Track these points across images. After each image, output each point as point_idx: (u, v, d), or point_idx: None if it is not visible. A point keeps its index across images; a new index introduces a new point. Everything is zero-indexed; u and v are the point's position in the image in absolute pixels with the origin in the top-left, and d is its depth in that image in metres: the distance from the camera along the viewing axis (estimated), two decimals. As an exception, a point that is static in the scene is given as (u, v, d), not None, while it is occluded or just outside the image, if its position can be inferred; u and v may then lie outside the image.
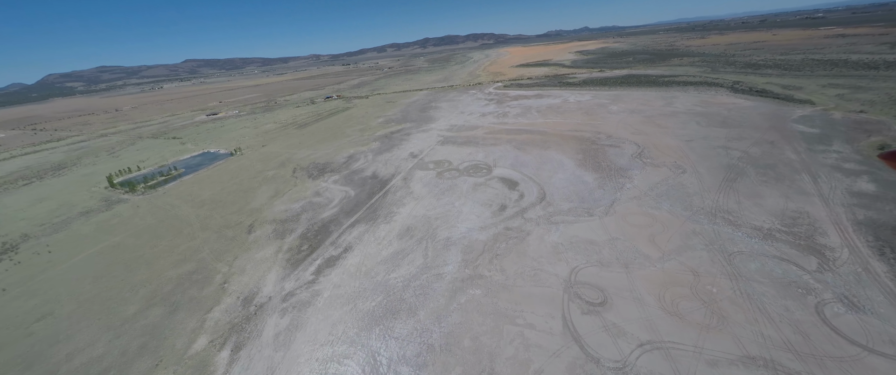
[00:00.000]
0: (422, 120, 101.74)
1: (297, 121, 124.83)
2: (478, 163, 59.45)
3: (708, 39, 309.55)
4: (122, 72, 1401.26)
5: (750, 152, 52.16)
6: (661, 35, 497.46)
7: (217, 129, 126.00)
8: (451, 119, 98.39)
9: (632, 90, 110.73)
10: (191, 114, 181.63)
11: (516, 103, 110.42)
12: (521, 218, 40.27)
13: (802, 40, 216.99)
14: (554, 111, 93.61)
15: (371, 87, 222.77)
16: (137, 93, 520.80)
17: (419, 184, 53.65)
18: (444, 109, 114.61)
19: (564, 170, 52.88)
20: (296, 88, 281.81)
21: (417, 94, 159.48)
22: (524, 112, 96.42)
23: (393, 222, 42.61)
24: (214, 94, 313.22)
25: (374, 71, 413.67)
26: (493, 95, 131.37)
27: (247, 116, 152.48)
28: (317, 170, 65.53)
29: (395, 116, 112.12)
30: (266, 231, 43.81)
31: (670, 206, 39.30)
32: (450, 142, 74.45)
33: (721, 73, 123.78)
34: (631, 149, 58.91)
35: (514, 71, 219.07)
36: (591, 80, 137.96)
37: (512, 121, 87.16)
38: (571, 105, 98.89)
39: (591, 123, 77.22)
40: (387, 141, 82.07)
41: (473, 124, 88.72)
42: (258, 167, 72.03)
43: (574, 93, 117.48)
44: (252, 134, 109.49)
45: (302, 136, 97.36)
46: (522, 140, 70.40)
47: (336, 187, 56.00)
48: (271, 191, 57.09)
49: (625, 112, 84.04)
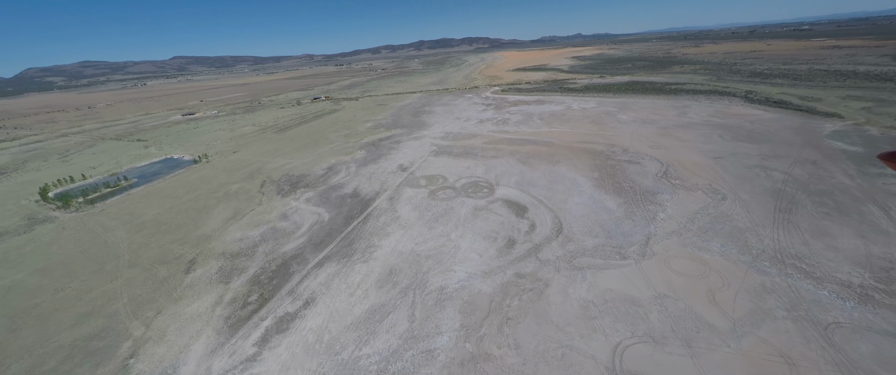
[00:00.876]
0: (414, 126, 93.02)
1: (278, 123, 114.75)
2: (477, 181, 50.92)
3: (703, 48, 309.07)
4: (106, 68, 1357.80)
5: (794, 174, 44.84)
6: (655, 43, 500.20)
7: (189, 131, 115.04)
8: (446, 125, 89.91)
9: (638, 98, 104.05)
10: (166, 114, 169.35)
11: (516, 109, 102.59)
12: (536, 258, 31.78)
13: (799, 50, 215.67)
14: (558, 119, 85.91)
15: (362, 89, 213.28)
16: (119, 89, 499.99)
17: (408, 206, 44.84)
18: (438, 114, 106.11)
19: (580, 191, 44.71)
20: (284, 88, 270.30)
21: (410, 97, 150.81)
22: (526, 119, 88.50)
23: (372, 260, 33.67)
24: (198, 93, 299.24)
25: (367, 72, 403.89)
26: (491, 100, 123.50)
27: (225, 117, 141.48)
28: (289, 185, 56.12)
29: (385, 121, 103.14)
30: (209, 270, 34.35)
31: (722, 247, 31.32)
32: (445, 153, 65.86)
33: (728, 82, 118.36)
34: (653, 166, 51.17)
35: (511, 75, 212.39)
36: (593, 87, 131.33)
37: (513, 130, 79.06)
38: (576, 113, 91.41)
39: (601, 134, 69.59)
40: (374, 149, 73.04)
41: (471, 132, 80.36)
42: (222, 178, 62.21)
43: (577, 99, 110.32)
44: (226, 137, 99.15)
45: (280, 142, 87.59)
46: (527, 152, 62.21)
47: (308, 208, 46.76)
48: (230, 212, 47.53)
49: (636, 122, 76.76)
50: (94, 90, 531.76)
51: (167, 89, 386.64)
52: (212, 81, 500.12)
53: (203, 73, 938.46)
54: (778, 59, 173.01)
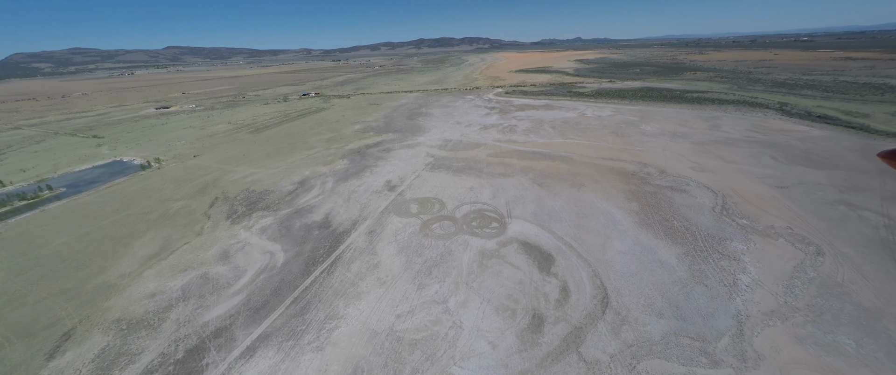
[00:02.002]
0: (408, 130, 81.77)
1: (256, 122, 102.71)
2: (484, 209, 39.98)
3: (709, 55, 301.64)
4: (96, 56, 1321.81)
5: (895, 216, 34.62)
6: (656, 49, 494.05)
7: (156, 128, 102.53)
8: (444, 131, 78.83)
9: (658, 106, 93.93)
10: (141, 106, 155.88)
11: (524, 115, 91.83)
12: (578, 356, 20.93)
13: (811, 61, 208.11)
14: (573, 128, 75.31)
15: (356, 86, 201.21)
16: (104, 77, 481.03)
17: (392, 246, 33.74)
18: (436, 117, 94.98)
19: (621, 232, 33.98)
20: (274, 82, 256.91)
21: (406, 97, 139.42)
22: (535, 127, 77.75)
23: (330, 347, 22.55)
24: (184, 84, 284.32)
25: (364, 68, 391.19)
26: (495, 103, 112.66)
27: (202, 112, 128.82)
28: (246, 205, 44.65)
29: (375, 123, 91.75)
30: (85, 353, 22.93)
31: (858, 346, 20.75)
32: (442, 167, 54.79)
33: (751, 92, 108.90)
34: (704, 196, 40.69)
35: (514, 76, 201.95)
36: (604, 92, 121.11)
37: (522, 140, 68.24)
38: (592, 121, 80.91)
39: (627, 149, 59.07)
40: (358, 159, 61.73)
41: (473, 140, 69.38)
42: (167, 192, 50.48)
43: (590, 105, 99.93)
44: (193, 137, 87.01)
45: (252, 145, 75.78)
46: (543, 170, 51.40)
47: (260, 243, 35.43)
48: (156, 245, 35.98)
49: (664, 135, 66.45)
50: (78, 78, 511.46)
51: (153, 79, 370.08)
52: (203, 72, 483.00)
53: (197, 65, 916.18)
54: (794, 69, 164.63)
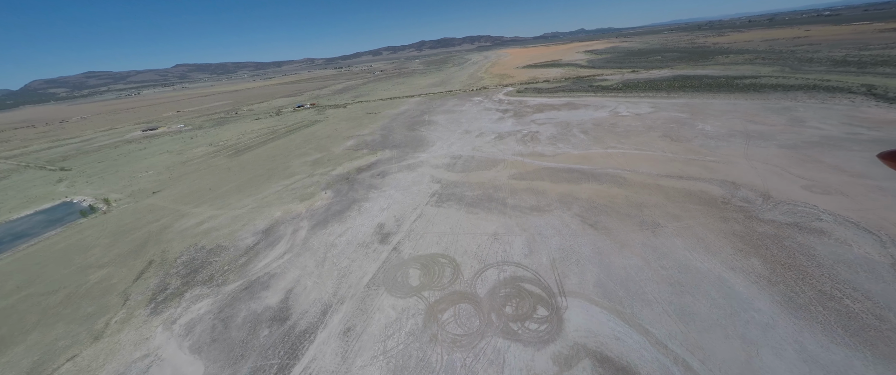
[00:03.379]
0: (408, 144, 68.80)
1: (240, 141, 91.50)
2: (519, 277, 26.43)
3: (729, 36, 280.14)
4: (108, 78, 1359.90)
5: None
6: (667, 34, 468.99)
7: (132, 154, 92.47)
8: (451, 144, 65.52)
9: (705, 97, 78.47)
10: (130, 129, 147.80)
11: (544, 117, 77.71)
12: None
13: (855, 35, 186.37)
14: (609, 131, 60.94)
15: (355, 93, 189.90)
16: (112, 99, 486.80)
17: (379, 363, 20.59)
18: (441, 126, 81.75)
19: (761, 325, 19.93)
20: (272, 94, 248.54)
21: (407, 103, 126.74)
22: (562, 132, 63.65)
23: None
24: (182, 102, 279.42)
25: (364, 74, 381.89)
26: (507, 104, 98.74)
27: (189, 132, 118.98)
28: (183, 275, 32.25)
29: (371, 137, 79.13)
30: None
31: None
32: (452, 199, 41.44)
33: (812, 73, 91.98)
34: (862, 241, 26.19)
35: (523, 72, 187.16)
36: (632, 84, 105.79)
37: (551, 151, 54.30)
38: (631, 121, 66.33)
39: (695, 159, 44.54)
40: (346, 189, 48.97)
41: (488, 155, 55.82)
42: (94, 253, 38.64)
43: (621, 101, 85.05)
44: (165, 165, 76.10)
45: (225, 173, 64.03)
46: (589, 198, 37.47)
47: (174, 359, 22.80)
48: (26, 363, 23.76)
49: (735, 136, 51.53)
50: (88, 101, 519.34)
51: (156, 99, 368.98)
52: (207, 88, 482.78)
53: (203, 81, 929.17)
54: (845, 45, 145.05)
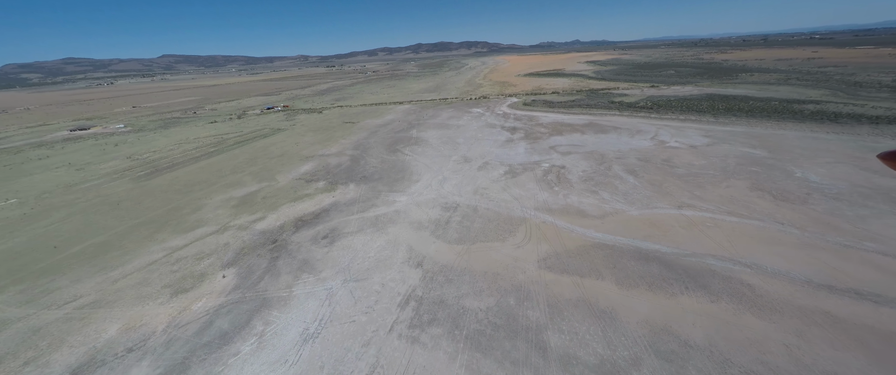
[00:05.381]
0: (383, 177, 49.38)
1: (169, 155, 70.55)
2: None
3: (731, 54, 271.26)
4: (88, 65, 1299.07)
5: None
6: (664, 49, 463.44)
7: (24, 165, 70.48)
8: (443, 179, 46.37)
9: (767, 126, 61.61)
10: (63, 125, 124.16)
11: (565, 141, 59.44)
12: None
13: (869, 58, 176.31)
14: (666, 172, 42.84)
15: (338, 95, 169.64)
16: (81, 88, 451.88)
17: None
18: (431, 148, 62.69)
19: None
20: (249, 91, 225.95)
21: (395, 111, 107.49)
22: (600, 169, 45.30)
23: None
24: (151, 95, 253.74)
25: (356, 74, 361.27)
26: (514, 119, 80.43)
27: (123, 135, 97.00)
28: None
29: (337, 160, 59.49)
30: None
31: None
32: (438, 322, 22.14)
33: (872, 100, 76.63)
34: None
35: (525, 81, 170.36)
36: (659, 102, 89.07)
37: (592, 206, 35.67)
38: (687, 155, 48.50)
39: (846, 245, 26.50)
40: (260, 272, 29.20)
41: (499, 208, 36.80)
42: None
43: (656, 123, 67.64)
44: (46, 188, 54.75)
45: (107, 212, 43.37)
46: (708, 345, 18.82)
47: None
48: None
49: (871, 196, 33.95)
50: (56, 89, 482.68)
51: (125, 90, 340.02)
52: (186, 81, 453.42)
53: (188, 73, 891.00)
54: (875, 69, 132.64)
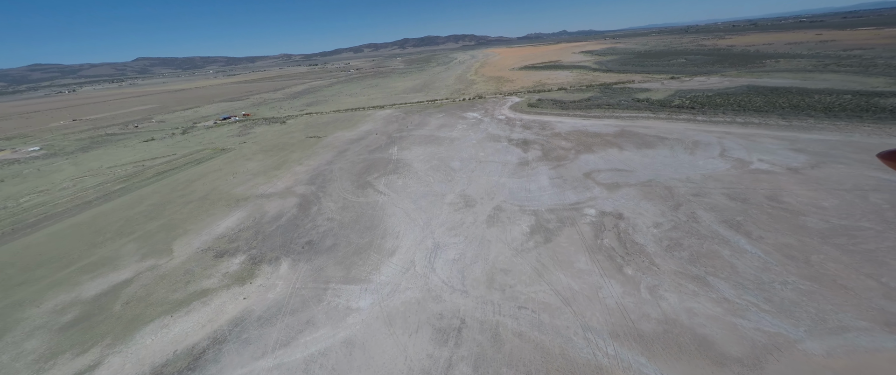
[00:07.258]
0: (340, 243, 31.27)
1: (48, 202, 50.95)
2: None
3: (732, 39, 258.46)
4: (56, 72, 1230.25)
5: None
6: (657, 37, 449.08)
7: None
8: (434, 249, 28.51)
9: (856, 132, 45.45)
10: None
11: (603, 163, 42.02)
12: None
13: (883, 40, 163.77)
14: (794, 226, 25.74)
15: (311, 99, 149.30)
16: (38, 97, 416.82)
17: None
18: (416, 175, 44.54)
19: None
20: (214, 96, 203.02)
21: (373, 119, 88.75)
22: (681, 223, 28.12)
23: None
24: (105, 104, 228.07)
25: (337, 72, 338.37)
26: (521, 127, 62.74)
27: (22, 164, 76.37)
28: None
29: (281, 204, 41.03)
30: None
31: None
32: None
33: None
34: None
35: (522, 76, 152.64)
36: (694, 98, 72.38)
37: (725, 329, 18.32)
38: (800, 189, 31.66)
39: None
40: None
41: (539, 339, 18.84)
42: None
43: (709, 130, 50.65)
44: None
45: None
46: None
47: None
48: None
49: None
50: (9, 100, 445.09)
51: (83, 98, 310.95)
52: (153, 86, 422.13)
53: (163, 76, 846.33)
54: None
